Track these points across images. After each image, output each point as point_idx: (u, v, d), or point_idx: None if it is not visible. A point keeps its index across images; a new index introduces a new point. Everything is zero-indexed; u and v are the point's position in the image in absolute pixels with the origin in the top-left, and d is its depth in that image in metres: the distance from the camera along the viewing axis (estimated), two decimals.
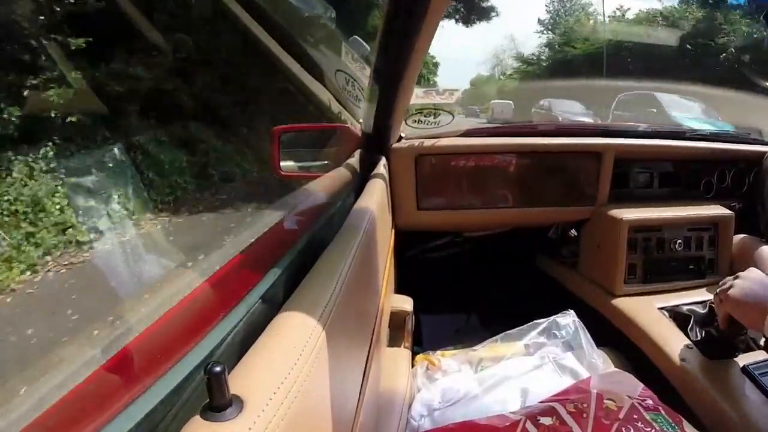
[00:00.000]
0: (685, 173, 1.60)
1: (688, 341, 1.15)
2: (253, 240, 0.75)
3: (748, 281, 0.95)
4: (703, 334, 1.13)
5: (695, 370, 1.06)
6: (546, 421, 0.84)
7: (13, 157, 4.38)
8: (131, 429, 0.36)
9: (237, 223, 5.01)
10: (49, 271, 4.03)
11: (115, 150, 4.84)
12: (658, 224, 1.42)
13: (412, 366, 1.19)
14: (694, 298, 1.33)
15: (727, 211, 1.45)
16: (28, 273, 3.93)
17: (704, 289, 1.38)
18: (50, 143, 4.60)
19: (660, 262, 1.42)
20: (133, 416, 0.37)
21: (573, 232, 1.71)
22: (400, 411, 0.97)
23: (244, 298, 0.55)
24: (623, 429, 0.82)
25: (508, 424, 0.85)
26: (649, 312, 1.28)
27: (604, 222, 1.46)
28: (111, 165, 4.75)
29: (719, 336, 1.05)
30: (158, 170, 5.33)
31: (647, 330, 1.22)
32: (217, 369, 0.35)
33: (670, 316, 1.25)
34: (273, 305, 0.55)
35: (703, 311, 1.23)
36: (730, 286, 0.97)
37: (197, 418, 0.35)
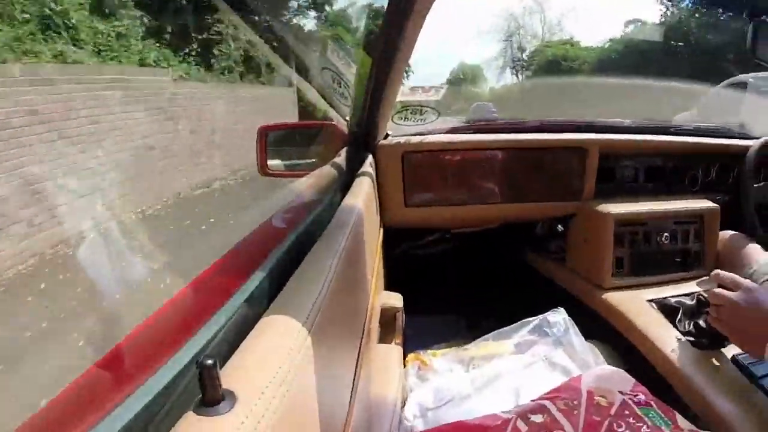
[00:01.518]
0: (670, 167, 1.62)
1: (677, 333, 1.16)
2: (242, 238, 0.75)
3: (745, 304, 0.91)
4: (692, 326, 1.14)
5: (685, 362, 1.07)
6: (537, 418, 0.84)
7: None
8: (124, 425, 0.36)
9: None
10: None
11: None
12: (644, 218, 1.44)
13: (404, 363, 1.19)
14: (682, 290, 1.34)
15: (712, 204, 1.47)
16: None
17: (692, 282, 1.40)
18: None
19: (647, 255, 1.43)
20: (126, 413, 0.36)
21: (560, 227, 1.72)
22: (392, 408, 0.96)
23: (233, 295, 0.54)
24: (614, 425, 0.82)
25: (499, 422, 0.84)
26: (637, 304, 1.29)
27: (591, 216, 1.47)
28: None
29: (708, 327, 1.06)
30: None
31: (636, 322, 1.23)
32: (209, 362, 0.34)
33: (659, 309, 1.26)
34: (263, 302, 0.55)
35: (691, 303, 1.24)
36: (728, 303, 0.94)
37: (190, 413, 0.34)
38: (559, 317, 1.22)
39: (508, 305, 1.39)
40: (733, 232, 1.48)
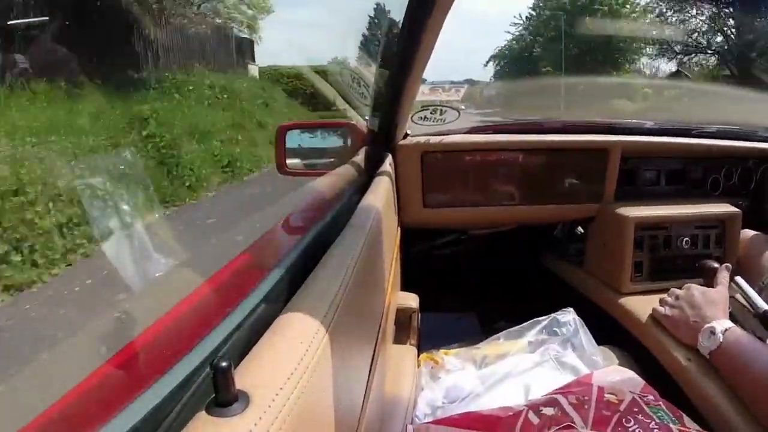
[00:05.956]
0: (692, 171, 1.60)
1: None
2: (259, 236, 0.75)
3: (682, 304, 1.13)
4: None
5: (700, 369, 1.05)
6: (548, 411, 0.86)
7: None
8: (136, 424, 0.36)
9: None
10: None
11: None
12: (665, 222, 1.42)
13: (418, 363, 1.19)
14: None
15: (734, 209, 1.44)
16: None
17: None
18: None
19: (667, 260, 1.42)
20: (139, 412, 0.37)
21: (579, 229, 1.71)
22: (405, 408, 0.97)
23: (249, 294, 0.55)
24: (624, 420, 0.83)
25: (510, 414, 0.86)
26: None
27: (611, 220, 1.45)
28: None
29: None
30: None
31: (653, 328, 1.21)
32: (223, 364, 0.34)
33: None
34: (279, 302, 0.55)
35: None
36: (671, 306, 1.16)
37: (202, 413, 0.35)
38: (569, 317, 1.22)
39: (523, 307, 1.38)
40: (755, 233, 1.44)
